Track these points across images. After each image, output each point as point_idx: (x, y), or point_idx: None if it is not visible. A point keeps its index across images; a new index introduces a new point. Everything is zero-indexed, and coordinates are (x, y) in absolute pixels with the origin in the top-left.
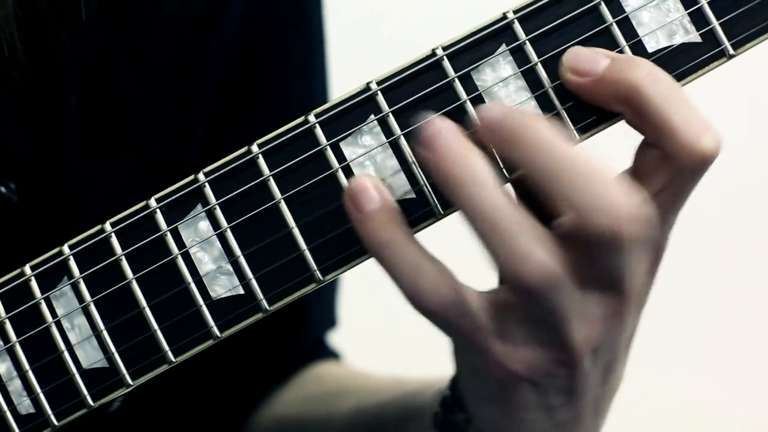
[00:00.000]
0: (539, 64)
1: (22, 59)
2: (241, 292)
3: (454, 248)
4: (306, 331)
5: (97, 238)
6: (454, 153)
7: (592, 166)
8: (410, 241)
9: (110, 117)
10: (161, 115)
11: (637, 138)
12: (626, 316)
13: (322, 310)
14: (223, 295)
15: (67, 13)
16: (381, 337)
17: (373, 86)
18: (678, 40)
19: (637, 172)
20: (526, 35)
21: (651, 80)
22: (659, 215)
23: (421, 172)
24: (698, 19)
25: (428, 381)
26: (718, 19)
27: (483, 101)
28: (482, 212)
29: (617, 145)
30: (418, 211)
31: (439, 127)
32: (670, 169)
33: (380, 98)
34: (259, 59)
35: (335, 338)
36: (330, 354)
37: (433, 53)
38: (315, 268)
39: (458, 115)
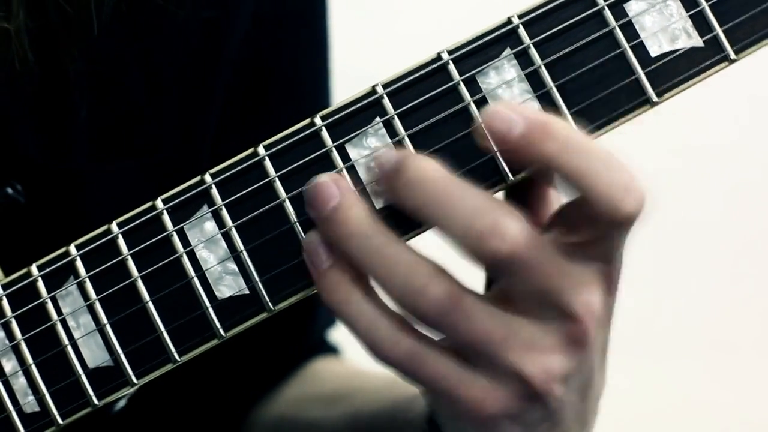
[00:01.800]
0: (543, 68)
1: (34, 70)
2: (247, 292)
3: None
4: (311, 330)
5: (104, 239)
6: (336, 210)
7: (482, 196)
8: (365, 298)
9: (119, 120)
10: (170, 118)
11: (637, 139)
12: (589, 340)
13: (325, 309)
14: (228, 295)
15: (77, 25)
16: None
17: (379, 89)
18: (680, 45)
19: (566, 222)
20: (531, 39)
21: (566, 152)
22: (599, 256)
23: None
24: (701, 23)
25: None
26: (720, 24)
27: (487, 104)
28: (371, 259)
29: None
30: None
31: (322, 184)
32: (595, 226)
33: (386, 101)
34: (268, 63)
35: (335, 334)
36: (329, 349)
37: (439, 57)
38: None
39: (461, 118)
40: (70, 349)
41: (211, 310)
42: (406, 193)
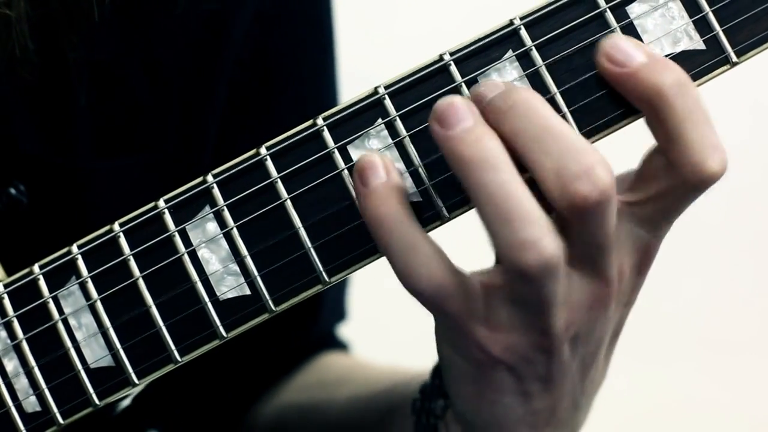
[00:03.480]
0: (545, 70)
1: (34, 59)
2: (248, 292)
3: (456, 241)
4: (316, 324)
5: (105, 238)
6: (468, 133)
7: (579, 137)
8: (408, 221)
9: (122, 117)
10: (173, 115)
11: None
12: (609, 308)
13: (332, 303)
14: (230, 296)
15: (78, 13)
16: (389, 331)
17: (381, 90)
18: (682, 48)
19: (641, 175)
20: (533, 41)
21: (679, 91)
22: (653, 219)
23: (426, 175)
24: (702, 26)
25: (420, 372)
26: (722, 27)
27: None
28: (492, 196)
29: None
30: (423, 214)
31: (455, 103)
32: (672, 179)
33: (388, 102)
34: (272, 60)
35: (345, 330)
36: (338, 344)
37: (441, 58)
38: (321, 269)
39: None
40: (71, 349)
41: (212, 311)
42: (511, 117)
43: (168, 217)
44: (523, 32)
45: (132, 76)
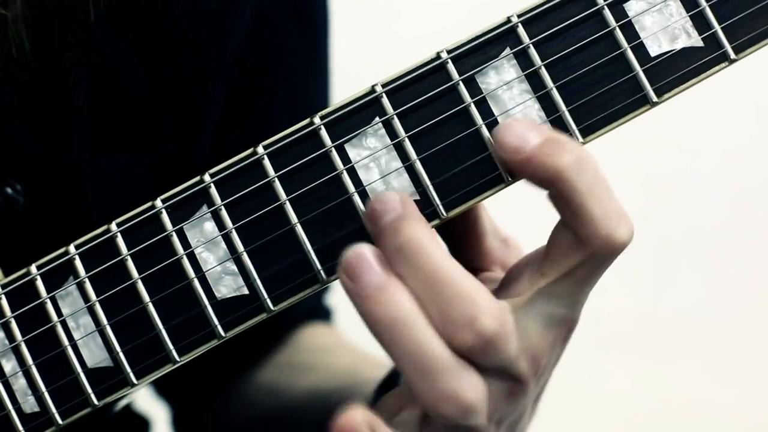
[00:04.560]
0: (543, 68)
1: (30, 59)
2: (246, 292)
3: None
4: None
5: (102, 238)
6: (377, 291)
7: (464, 283)
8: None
9: (118, 115)
10: (169, 113)
11: (640, 140)
12: (528, 391)
13: None
14: (228, 295)
15: (74, 13)
16: None
17: (378, 89)
18: (680, 45)
19: (550, 255)
20: (530, 39)
21: (578, 168)
22: (567, 294)
23: (425, 173)
24: (700, 23)
25: (378, 371)
26: (720, 24)
27: (487, 104)
28: (407, 355)
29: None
30: (421, 212)
31: (361, 254)
32: (582, 252)
33: (385, 101)
34: (270, 59)
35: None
36: (321, 314)
37: (438, 56)
38: (319, 268)
39: (461, 118)
40: (69, 349)
41: (210, 311)
42: (401, 259)
43: (165, 217)
44: (521, 30)
45: (128, 75)
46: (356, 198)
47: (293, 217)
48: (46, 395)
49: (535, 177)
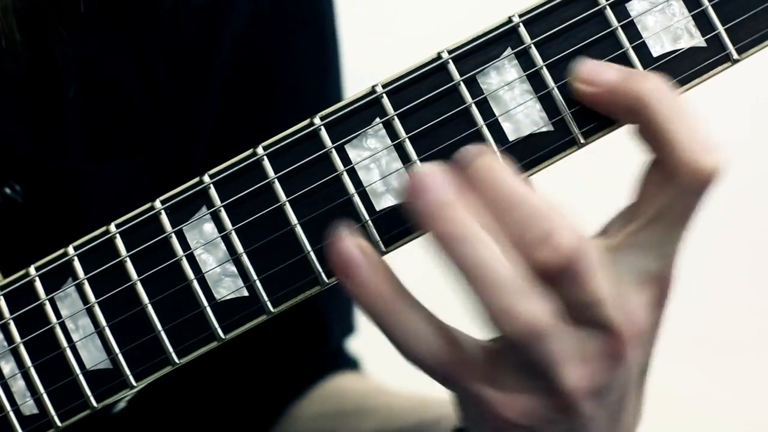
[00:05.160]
0: (544, 68)
1: (21, 51)
2: (246, 293)
3: None
4: (326, 340)
5: (101, 239)
6: (443, 208)
7: (539, 202)
8: (400, 301)
9: (112, 117)
10: (165, 115)
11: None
12: (625, 356)
13: (340, 316)
14: (228, 297)
15: (65, 4)
16: None
17: (379, 89)
18: (683, 45)
19: (638, 199)
20: (532, 39)
21: (659, 94)
22: (657, 243)
23: None
24: (703, 23)
25: (446, 410)
26: (723, 24)
27: (488, 104)
28: (471, 269)
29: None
30: None
31: (428, 175)
32: (671, 187)
33: (385, 101)
34: (268, 62)
35: (355, 345)
36: (349, 363)
37: (439, 56)
38: (320, 270)
39: (462, 119)
40: (68, 351)
41: (210, 312)
42: (473, 185)
43: (165, 218)
44: (522, 30)
45: (122, 75)
46: (356, 199)
47: (293, 218)
48: (45, 397)
49: (618, 106)
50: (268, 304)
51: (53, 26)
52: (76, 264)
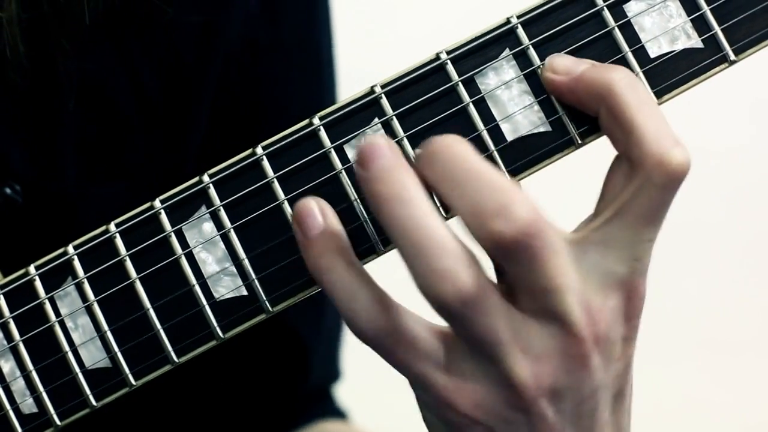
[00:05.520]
0: (542, 68)
1: (24, 62)
2: (245, 293)
3: None
4: (306, 376)
5: (101, 239)
6: (383, 171)
7: (497, 177)
8: (349, 268)
9: (107, 138)
10: (156, 135)
11: None
12: (589, 360)
13: (323, 359)
14: (227, 296)
15: (70, 18)
16: (386, 391)
17: (378, 89)
18: (680, 46)
19: (606, 189)
20: (530, 40)
21: (628, 84)
22: (623, 241)
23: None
24: (700, 24)
25: None
26: (720, 25)
27: (486, 104)
28: (405, 230)
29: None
30: None
31: (376, 142)
32: (637, 179)
33: (384, 101)
34: (259, 81)
35: (340, 392)
36: (335, 412)
37: (437, 57)
38: None
39: (460, 119)
40: (68, 349)
41: (209, 311)
42: (432, 162)
43: (164, 217)
44: (520, 31)
45: (118, 92)
46: (356, 198)
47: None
48: (45, 396)
49: (587, 94)
50: (267, 303)
51: (56, 38)
52: (76, 263)
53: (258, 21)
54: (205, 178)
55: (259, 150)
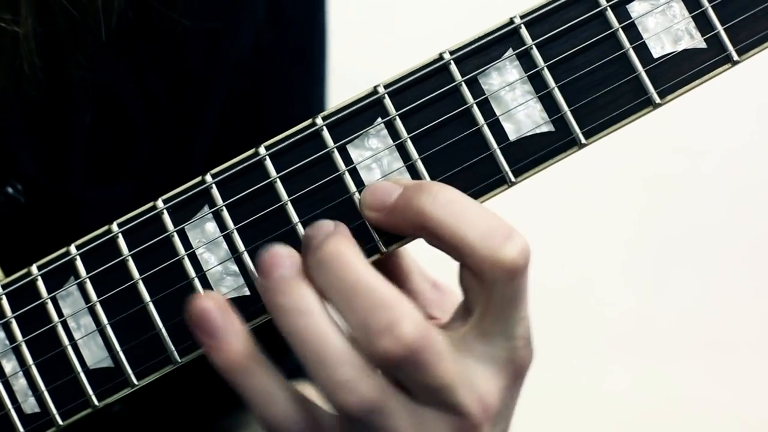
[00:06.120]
0: (545, 69)
1: (41, 76)
2: (247, 292)
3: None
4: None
5: (104, 239)
6: (281, 282)
7: (384, 290)
8: (263, 370)
9: (115, 142)
10: (164, 140)
11: (639, 140)
12: (482, 430)
13: None
14: (229, 296)
15: (85, 33)
16: None
17: (381, 90)
18: (683, 46)
19: (466, 292)
20: (533, 40)
21: (438, 203)
22: (498, 330)
23: (426, 174)
24: (703, 24)
25: None
26: (723, 25)
27: (489, 105)
28: (304, 342)
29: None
30: None
31: (276, 252)
32: (483, 285)
33: (387, 101)
34: (264, 90)
35: None
36: None
37: (441, 57)
38: None
39: (463, 119)
40: (70, 349)
41: None
42: (321, 271)
43: (167, 217)
44: (524, 31)
45: (127, 100)
46: (358, 199)
47: (294, 217)
48: (47, 395)
49: (404, 225)
50: None
51: (72, 52)
52: (78, 263)
53: (264, 27)
54: (208, 178)
55: (261, 150)
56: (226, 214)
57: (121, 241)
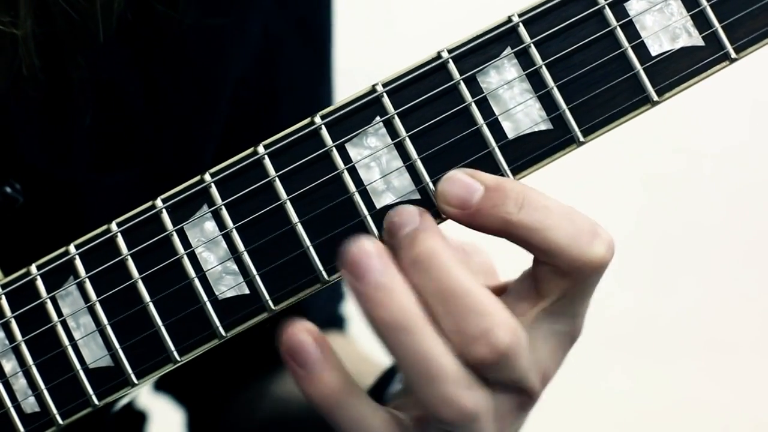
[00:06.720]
0: (544, 67)
1: (40, 77)
2: (247, 291)
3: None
4: (309, 310)
5: (103, 238)
6: (381, 291)
7: (480, 296)
8: (355, 400)
9: (120, 130)
10: (169, 129)
11: (639, 140)
12: (533, 406)
13: (321, 306)
14: (229, 295)
15: (84, 33)
16: None
17: (379, 88)
18: (681, 44)
19: (541, 284)
20: (531, 38)
21: (523, 210)
22: (569, 311)
23: (426, 173)
24: (701, 22)
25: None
26: (720, 23)
27: (488, 103)
28: (409, 358)
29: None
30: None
31: (367, 250)
32: (566, 280)
33: (386, 100)
34: (278, 78)
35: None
36: (334, 321)
37: (439, 56)
38: (321, 268)
39: (462, 117)
40: (70, 349)
41: (211, 310)
42: (415, 270)
43: (166, 217)
44: (522, 29)
45: (131, 91)
46: (357, 197)
47: (294, 216)
48: (47, 395)
49: (489, 228)
50: (269, 301)
51: (71, 53)
52: (78, 262)
53: (272, 12)
54: (207, 177)
55: (260, 149)
56: (225, 213)
57: (121, 241)
